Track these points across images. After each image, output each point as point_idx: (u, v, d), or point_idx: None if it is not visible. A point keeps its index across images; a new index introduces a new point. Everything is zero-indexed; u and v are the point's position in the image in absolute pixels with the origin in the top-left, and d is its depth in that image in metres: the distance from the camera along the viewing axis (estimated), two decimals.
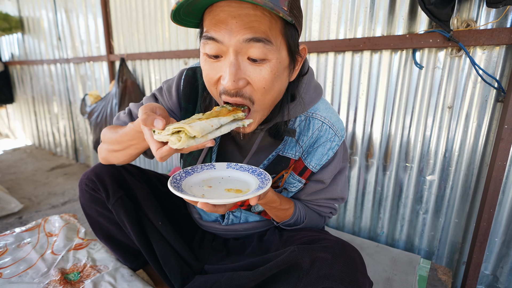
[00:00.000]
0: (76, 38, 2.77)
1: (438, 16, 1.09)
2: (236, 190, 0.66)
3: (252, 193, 0.60)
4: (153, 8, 2.10)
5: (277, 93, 0.67)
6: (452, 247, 1.36)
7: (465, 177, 1.27)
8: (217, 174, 0.75)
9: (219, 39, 0.58)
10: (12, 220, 1.88)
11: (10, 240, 1.17)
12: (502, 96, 1.14)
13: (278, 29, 0.59)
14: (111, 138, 0.80)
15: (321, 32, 1.47)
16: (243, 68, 0.60)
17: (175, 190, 0.60)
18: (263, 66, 0.60)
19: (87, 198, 0.94)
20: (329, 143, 0.79)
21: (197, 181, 0.71)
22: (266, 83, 0.62)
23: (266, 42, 0.58)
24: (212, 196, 0.64)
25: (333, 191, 0.86)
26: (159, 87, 0.89)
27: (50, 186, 2.48)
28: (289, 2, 0.59)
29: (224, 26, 0.57)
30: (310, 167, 0.81)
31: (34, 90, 3.60)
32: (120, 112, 0.90)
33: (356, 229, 1.59)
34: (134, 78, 2.32)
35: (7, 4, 3.56)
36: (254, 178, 0.70)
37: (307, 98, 0.77)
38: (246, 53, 0.59)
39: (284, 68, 0.65)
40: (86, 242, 1.18)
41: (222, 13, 0.57)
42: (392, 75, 1.33)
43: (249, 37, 0.57)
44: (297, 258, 0.69)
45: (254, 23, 0.56)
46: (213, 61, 0.63)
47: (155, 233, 0.91)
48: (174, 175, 0.70)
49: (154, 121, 0.57)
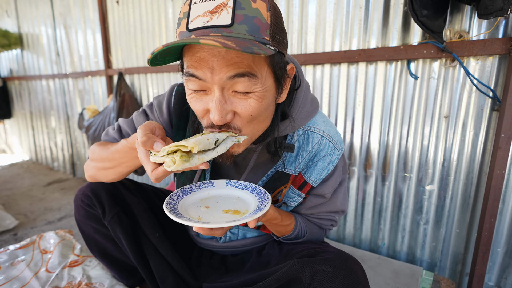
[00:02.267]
0: (75, 53, 2.80)
1: (431, 28, 1.11)
2: (234, 212, 0.65)
3: (250, 216, 0.59)
4: (151, 23, 2.14)
5: (264, 118, 0.65)
6: (454, 258, 1.34)
7: (465, 187, 1.27)
8: (216, 192, 0.73)
9: (202, 78, 0.57)
10: (7, 237, 1.84)
11: (4, 258, 1.15)
12: (497, 105, 1.15)
13: (262, 60, 0.58)
14: (101, 155, 0.79)
15: (316, 45, 1.49)
16: (229, 101, 0.59)
17: (171, 214, 0.58)
18: (249, 97, 0.59)
19: (83, 214, 0.92)
20: (329, 157, 0.78)
21: (195, 200, 0.70)
22: (253, 112, 0.60)
23: (251, 76, 0.56)
24: (209, 218, 0.62)
25: (333, 204, 0.85)
26: (150, 103, 0.88)
27: (46, 202, 2.45)
28: (271, 30, 0.57)
29: (205, 65, 0.55)
30: (310, 181, 0.80)
31: (32, 105, 3.61)
32: (109, 128, 0.89)
33: (357, 241, 1.57)
34: (132, 92, 2.33)
35: (7, 20, 3.61)
36: (253, 197, 0.69)
37: (304, 112, 0.76)
38: (231, 87, 0.58)
39: (272, 95, 0.63)
40: (81, 259, 1.15)
41: (202, 51, 0.55)
42: (388, 86, 1.35)
43: (232, 74, 0.55)
44: (297, 272, 0.67)
45: (236, 59, 0.55)
46: (199, 95, 0.61)
47: (152, 250, 0.89)
48: (171, 195, 0.68)
49: (154, 144, 0.56)
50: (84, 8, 2.56)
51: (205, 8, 0.54)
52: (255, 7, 0.54)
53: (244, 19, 0.54)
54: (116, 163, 0.76)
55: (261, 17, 0.55)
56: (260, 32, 0.55)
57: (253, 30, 0.54)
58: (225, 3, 0.53)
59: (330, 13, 1.42)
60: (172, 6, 1.99)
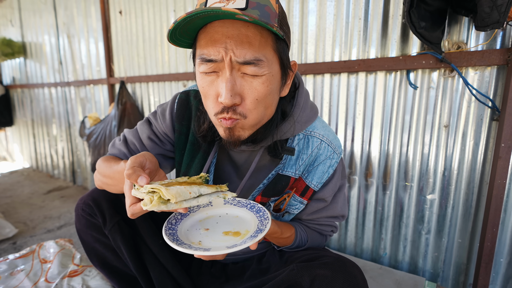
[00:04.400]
0: (77, 62, 2.83)
1: (429, 39, 1.12)
2: (234, 233, 0.65)
3: (251, 239, 0.58)
4: (153, 33, 2.17)
5: (269, 105, 0.68)
6: (457, 268, 1.33)
7: (466, 196, 1.26)
8: (214, 212, 0.73)
9: (214, 58, 0.61)
10: (6, 246, 1.83)
11: (3, 267, 1.14)
12: (497, 115, 1.16)
13: (269, 45, 0.62)
14: (104, 172, 0.80)
15: (316, 55, 1.51)
16: (238, 83, 0.63)
17: (171, 241, 0.58)
18: (256, 79, 0.63)
19: (83, 224, 0.92)
20: (328, 160, 0.80)
21: (194, 222, 0.70)
22: (259, 95, 0.64)
23: (258, 61, 0.61)
24: (209, 242, 0.62)
25: (333, 209, 0.86)
26: (154, 111, 0.90)
27: (46, 210, 2.44)
28: (279, 20, 0.62)
29: (219, 45, 0.59)
30: (311, 186, 0.81)
31: (34, 112, 3.63)
32: (116, 139, 0.90)
33: (358, 250, 1.56)
34: (133, 100, 2.34)
35: (11, 30, 3.66)
36: (253, 215, 0.68)
37: (305, 117, 0.79)
38: (240, 69, 0.62)
39: (277, 82, 0.67)
40: (81, 269, 1.15)
41: (216, 34, 0.60)
42: (388, 95, 1.36)
43: (241, 60, 0.60)
44: (296, 277, 0.67)
45: (246, 44, 0.59)
46: (209, 77, 0.64)
47: (152, 259, 0.89)
48: (170, 219, 0.67)
49: (139, 178, 0.56)
50: (88, 17, 2.60)
51: None
52: None
53: (256, 5, 0.59)
54: (116, 182, 0.78)
55: (271, 6, 0.61)
56: (270, 18, 0.60)
57: (264, 15, 0.60)
58: None
59: (329, 23, 1.44)
60: (174, 16, 2.02)
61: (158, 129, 0.88)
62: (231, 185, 0.85)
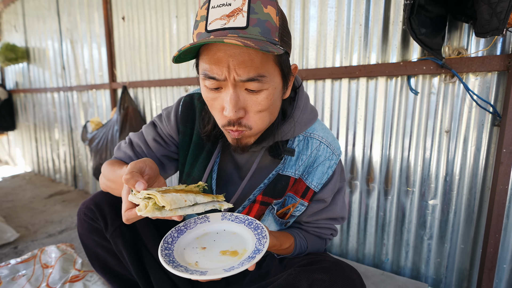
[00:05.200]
0: (80, 67, 2.85)
1: (429, 45, 1.13)
2: (232, 253, 0.63)
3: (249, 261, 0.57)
4: (155, 38, 2.19)
5: (272, 112, 0.71)
6: (460, 274, 1.32)
7: (468, 201, 1.26)
8: (212, 228, 0.72)
9: (218, 77, 0.62)
10: (7, 250, 1.83)
11: (5, 272, 1.14)
12: (498, 120, 1.16)
13: (271, 60, 0.64)
14: (108, 176, 0.81)
15: (317, 60, 1.52)
16: (242, 98, 0.64)
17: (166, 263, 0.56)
18: (259, 94, 0.65)
19: (85, 228, 0.93)
20: (328, 161, 0.82)
21: (190, 240, 0.68)
22: (262, 107, 0.66)
23: (260, 78, 0.62)
24: (206, 262, 0.60)
25: (333, 211, 0.87)
26: (159, 114, 0.92)
27: (48, 214, 2.44)
28: (279, 32, 0.63)
29: (222, 64, 0.61)
30: (312, 186, 0.82)
31: (36, 117, 3.65)
32: (121, 142, 0.91)
33: (360, 256, 1.55)
34: (135, 105, 2.36)
35: (14, 35, 3.70)
36: (251, 232, 0.67)
37: (305, 119, 0.81)
38: (244, 85, 0.63)
39: (279, 91, 0.69)
40: (82, 274, 1.15)
41: (219, 52, 0.60)
42: (389, 101, 1.36)
43: (244, 79, 0.61)
44: (294, 281, 0.68)
45: (248, 61, 0.60)
46: (214, 92, 0.67)
47: (153, 264, 0.89)
48: (166, 238, 0.66)
49: (136, 183, 0.57)
50: (91, 23, 2.63)
51: (223, 12, 0.60)
52: (266, 12, 0.61)
53: (257, 22, 0.60)
54: (119, 186, 0.78)
55: (271, 21, 0.61)
56: (271, 34, 0.62)
57: (265, 32, 0.61)
58: (240, 8, 0.59)
59: (330, 30, 1.45)
60: (176, 22, 2.04)
61: (163, 131, 0.90)
62: (233, 184, 0.86)
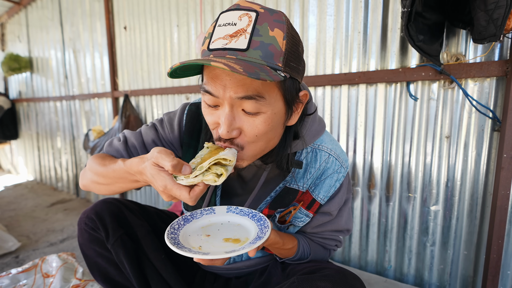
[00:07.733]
0: (83, 76, 2.88)
1: (428, 52, 1.14)
2: (234, 240, 0.66)
3: (249, 246, 0.60)
4: (157, 47, 2.21)
5: (270, 139, 0.68)
6: (463, 281, 1.30)
7: (470, 207, 1.25)
8: (217, 219, 0.75)
9: (215, 94, 0.61)
10: (9, 260, 1.83)
11: (6, 282, 1.14)
12: (498, 125, 1.16)
13: (272, 84, 0.61)
14: (97, 170, 0.78)
15: (317, 67, 1.53)
16: (238, 118, 0.62)
17: (171, 244, 0.60)
18: (256, 117, 0.62)
19: (86, 238, 0.92)
20: (336, 174, 0.80)
21: (196, 228, 0.71)
22: (259, 132, 0.63)
23: (258, 98, 0.60)
24: (209, 247, 0.63)
25: (338, 223, 0.86)
26: (160, 118, 0.89)
27: (49, 223, 2.44)
28: (285, 57, 0.60)
29: (219, 82, 0.60)
30: (318, 199, 0.81)
31: (39, 126, 3.67)
32: (114, 138, 0.87)
33: (363, 263, 1.54)
34: (137, 113, 2.37)
35: (18, 45, 3.76)
36: (254, 224, 0.70)
37: (313, 131, 0.79)
38: (241, 105, 0.61)
39: (280, 118, 0.66)
40: (83, 283, 1.14)
41: (217, 70, 0.60)
42: (389, 107, 1.37)
43: (241, 96, 0.59)
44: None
45: (246, 81, 0.58)
46: (212, 109, 0.66)
47: (154, 274, 0.88)
48: (173, 224, 0.69)
49: (183, 167, 0.59)
50: (93, 33, 2.66)
51: (227, 31, 0.59)
52: (272, 35, 0.58)
53: (259, 45, 0.58)
54: (110, 181, 0.77)
55: (276, 45, 0.59)
56: (274, 58, 0.59)
57: (267, 56, 0.58)
58: (244, 29, 0.58)
59: (329, 37, 1.46)
60: (177, 31, 2.07)
61: (164, 137, 0.87)
62: (239, 198, 0.85)
